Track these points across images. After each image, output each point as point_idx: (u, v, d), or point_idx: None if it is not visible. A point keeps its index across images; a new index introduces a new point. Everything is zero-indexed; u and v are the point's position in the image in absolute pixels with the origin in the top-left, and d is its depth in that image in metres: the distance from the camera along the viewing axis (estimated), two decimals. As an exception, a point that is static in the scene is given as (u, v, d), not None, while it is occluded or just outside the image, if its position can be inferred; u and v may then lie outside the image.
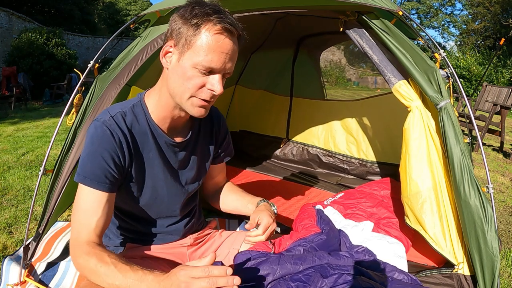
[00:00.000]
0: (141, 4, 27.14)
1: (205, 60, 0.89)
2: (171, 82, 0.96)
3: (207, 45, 0.89)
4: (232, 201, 1.34)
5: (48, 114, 6.65)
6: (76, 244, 0.93)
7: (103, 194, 0.95)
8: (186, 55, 0.91)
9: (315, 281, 1.00)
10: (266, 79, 3.60)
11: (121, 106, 1.04)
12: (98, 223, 0.95)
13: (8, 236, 1.91)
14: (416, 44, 1.45)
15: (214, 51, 0.89)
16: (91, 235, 0.94)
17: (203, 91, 0.94)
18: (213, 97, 0.95)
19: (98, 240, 0.95)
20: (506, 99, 4.84)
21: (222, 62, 0.91)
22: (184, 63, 0.92)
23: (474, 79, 11.33)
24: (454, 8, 30.76)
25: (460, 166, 1.31)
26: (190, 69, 0.91)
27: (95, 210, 0.95)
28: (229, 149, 1.34)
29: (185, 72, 0.92)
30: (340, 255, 1.14)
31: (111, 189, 0.97)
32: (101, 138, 0.96)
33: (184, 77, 0.92)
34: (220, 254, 1.32)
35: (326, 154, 3.08)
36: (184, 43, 0.91)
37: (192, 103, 0.95)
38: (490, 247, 1.25)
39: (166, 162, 1.10)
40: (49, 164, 2.19)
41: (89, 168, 0.95)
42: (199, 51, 0.89)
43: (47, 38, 9.50)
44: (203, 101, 0.95)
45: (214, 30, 0.89)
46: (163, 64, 0.98)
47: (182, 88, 0.94)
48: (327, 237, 1.26)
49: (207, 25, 0.89)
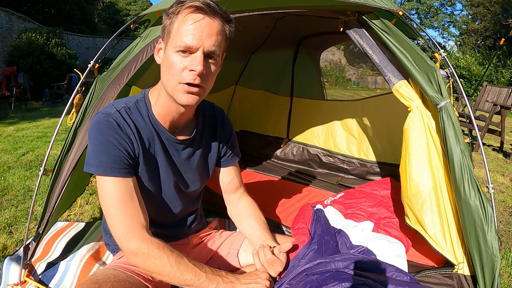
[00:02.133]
0: (141, 4, 27.14)
1: (181, 40, 0.91)
2: (162, 75, 0.98)
3: (182, 27, 0.91)
4: (251, 228, 1.23)
5: (48, 114, 6.65)
6: (127, 236, 0.92)
7: (129, 180, 0.96)
8: (168, 44, 0.95)
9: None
10: (266, 79, 3.61)
11: (125, 101, 1.05)
12: (139, 208, 0.95)
13: (8, 236, 1.91)
14: (416, 44, 1.45)
15: (187, 30, 0.91)
16: (138, 223, 0.94)
17: (186, 73, 0.93)
18: (197, 79, 0.93)
19: (148, 227, 0.96)
20: (506, 99, 4.84)
21: (198, 39, 0.91)
22: (167, 52, 0.95)
23: (474, 79, 11.32)
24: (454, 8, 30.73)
25: (460, 166, 1.31)
26: (172, 55, 0.93)
27: (131, 198, 0.95)
28: (235, 150, 1.32)
29: (168, 59, 0.94)
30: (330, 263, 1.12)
31: (132, 174, 0.99)
32: (109, 128, 0.97)
33: (168, 64, 0.94)
34: (220, 255, 1.32)
35: (327, 154, 3.08)
36: (166, 34, 0.95)
37: (179, 90, 0.95)
38: (490, 247, 1.25)
39: (170, 160, 1.11)
40: (49, 164, 2.19)
41: (105, 158, 0.94)
42: (177, 35, 0.92)
43: (47, 38, 9.50)
44: (188, 86, 0.94)
45: (186, 12, 0.92)
46: (156, 61, 1.01)
47: (168, 77, 0.95)
48: (318, 246, 1.22)
49: (180, 10, 0.92)
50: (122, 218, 0.93)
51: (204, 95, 1.00)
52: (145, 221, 0.96)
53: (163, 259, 0.90)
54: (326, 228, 1.41)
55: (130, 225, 0.93)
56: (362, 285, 0.98)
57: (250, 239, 1.23)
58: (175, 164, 1.12)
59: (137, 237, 0.92)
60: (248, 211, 1.27)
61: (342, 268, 1.08)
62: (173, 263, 0.91)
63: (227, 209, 1.34)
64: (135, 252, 0.92)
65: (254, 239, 1.19)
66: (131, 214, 0.94)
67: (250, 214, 1.26)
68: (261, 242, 1.15)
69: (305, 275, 1.05)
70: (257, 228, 1.21)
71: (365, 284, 0.99)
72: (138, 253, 0.91)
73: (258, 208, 1.29)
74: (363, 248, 1.42)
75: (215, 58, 0.96)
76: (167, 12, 0.95)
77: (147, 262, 0.91)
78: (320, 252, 1.20)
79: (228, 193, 1.31)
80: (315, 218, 1.47)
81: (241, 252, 1.30)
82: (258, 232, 1.20)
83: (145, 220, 0.97)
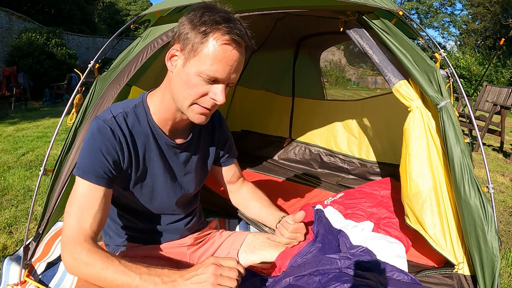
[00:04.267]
0: (141, 4, 27.15)
1: (210, 69, 0.88)
2: (174, 87, 0.95)
3: (214, 55, 0.87)
4: (255, 208, 1.34)
5: (48, 114, 6.65)
6: (71, 242, 0.88)
7: (101, 189, 0.94)
8: (191, 61, 0.90)
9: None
10: (267, 79, 3.61)
11: (123, 105, 1.04)
12: (96, 218, 0.91)
13: (8, 236, 1.91)
14: (416, 44, 1.45)
15: (220, 61, 0.88)
16: (88, 231, 0.90)
17: (205, 99, 0.93)
18: (214, 106, 0.95)
19: (94, 237, 0.91)
20: (506, 99, 4.84)
21: (227, 73, 0.90)
22: (188, 70, 0.91)
23: (474, 79, 11.33)
24: (454, 8, 30.78)
25: (460, 166, 1.31)
26: (194, 76, 0.90)
27: (92, 205, 0.92)
28: (232, 150, 1.34)
29: (189, 78, 0.91)
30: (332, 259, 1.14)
31: (109, 185, 0.96)
32: (102, 134, 0.96)
33: (188, 83, 0.92)
34: (220, 254, 1.32)
35: (328, 154, 3.09)
36: (190, 49, 0.90)
37: (193, 110, 0.95)
38: (490, 247, 1.25)
39: (167, 164, 1.11)
40: (49, 164, 2.18)
41: (89, 162, 0.94)
42: (205, 59, 0.88)
43: (47, 38, 9.51)
44: (204, 109, 0.95)
45: (222, 40, 0.87)
46: (168, 67, 0.97)
47: (184, 94, 0.93)
48: (322, 245, 1.24)
49: (215, 34, 0.87)
50: (73, 221, 0.90)
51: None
52: (94, 234, 0.91)
53: (93, 262, 0.84)
54: (328, 228, 1.42)
55: (78, 231, 0.89)
56: (364, 286, 0.98)
57: (262, 220, 1.32)
58: (172, 168, 1.12)
59: (79, 242, 0.87)
60: (249, 195, 1.36)
61: (344, 268, 1.09)
62: (103, 265, 0.84)
63: (231, 200, 1.40)
64: (72, 254, 0.87)
65: (265, 217, 1.30)
66: (84, 221, 0.90)
67: (252, 198, 1.35)
68: (272, 216, 1.27)
69: (308, 275, 1.05)
70: (263, 208, 1.31)
71: (366, 285, 0.99)
72: (74, 256, 0.86)
73: (258, 190, 1.38)
74: (363, 248, 1.41)
75: (232, 84, 0.96)
76: (194, 22, 0.88)
77: (76, 265, 0.87)
78: (324, 251, 1.21)
79: (230, 184, 1.37)
80: (317, 218, 1.47)
81: (241, 252, 1.30)
82: (266, 210, 1.30)
83: (95, 233, 0.92)
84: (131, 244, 1.21)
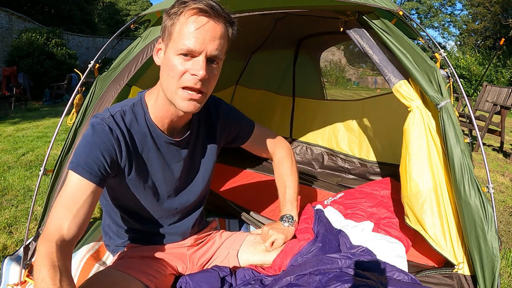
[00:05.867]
0: (141, 4, 27.15)
1: (183, 43, 0.89)
2: (161, 77, 0.96)
3: (184, 29, 0.89)
4: (280, 193, 1.45)
5: (48, 114, 6.65)
6: (45, 235, 0.83)
7: (91, 185, 0.91)
8: (169, 45, 0.92)
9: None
10: (267, 79, 3.60)
11: (121, 105, 1.04)
12: (78, 213, 0.87)
13: (8, 236, 1.91)
14: (416, 44, 1.45)
15: (190, 33, 0.89)
16: (63, 231, 0.84)
17: (187, 77, 0.91)
18: (198, 83, 0.91)
19: (70, 239, 0.85)
20: (506, 99, 4.84)
21: (201, 42, 0.89)
22: (168, 54, 0.92)
23: (474, 79, 11.32)
24: (454, 8, 30.75)
25: (461, 166, 1.31)
26: (173, 57, 0.91)
27: (77, 200, 0.88)
28: (244, 124, 1.35)
29: (168, 61, 0.92)
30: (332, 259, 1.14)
31: (100, 183, 0.93)
32: (100, 132, 0.96)
33: (169, 66, 0.92)
34: (220, 255, 1.32)
35: (329, 153, 3.09)
36: (167, 35, 0.93)
37: (179, 96, 0.93)
38: (490, 247, 1.25)
39: (165, 163, 1.10)
40: (49, 164, 2.18)
41: (84, 157, 0.92)
42: (178, 37, 0.90)
43: (47, 38, 9.50)
44: (189, 93, 0.92)
45: (189, 13, 0.89)
46: (155, 62, 0.99)
47: (168, 80, 0.93)
48: (323, 244, 1.24)
49: (183, 11, 0.90)
50: (57, 217, 0.86)
51: (205, 100, 0.98)
52: (72, 232, 0.85)
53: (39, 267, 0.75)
54: (329, 227, 1.42)
55: (56, 226, 0.84)
56: (364, 285, 0.99)
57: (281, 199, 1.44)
58: (171, 167, 1.12)
59: (49, 239, 0.81)
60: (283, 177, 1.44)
61: (345, 267, 1.09)
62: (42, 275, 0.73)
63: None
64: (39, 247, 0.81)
65: (282, 199, 1.43)
66: (66, 219, 0.85)
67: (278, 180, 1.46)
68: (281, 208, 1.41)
69: (309, 274, 1.05)
70: (282, 194, 1.43)
71: (366, 285, 0.99)
72: (39, 249, 0.80)
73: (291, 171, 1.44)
74: (363, 248, 1.41)
75: (217, 62, 0.94)
76: (168, 12, 0.92)
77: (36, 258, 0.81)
78: (324, 250, 1.21)
79: (269, 158, 1.48)
80: (317, 218, 1.48)
81: (241, 252, 1.30)
82: (283, 198, 1.43)
83: (73, 231, 0.86)
84: (130, 244, 1.21)
